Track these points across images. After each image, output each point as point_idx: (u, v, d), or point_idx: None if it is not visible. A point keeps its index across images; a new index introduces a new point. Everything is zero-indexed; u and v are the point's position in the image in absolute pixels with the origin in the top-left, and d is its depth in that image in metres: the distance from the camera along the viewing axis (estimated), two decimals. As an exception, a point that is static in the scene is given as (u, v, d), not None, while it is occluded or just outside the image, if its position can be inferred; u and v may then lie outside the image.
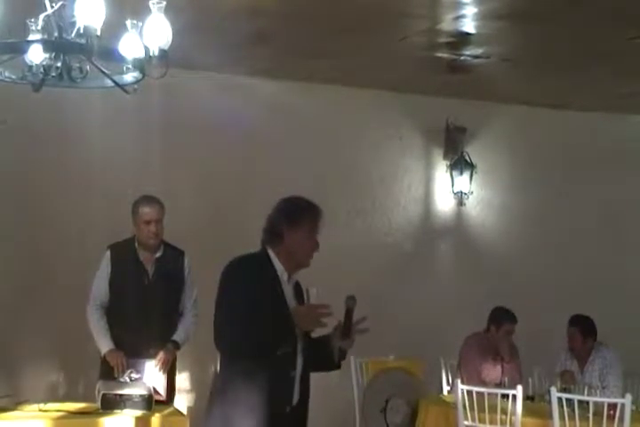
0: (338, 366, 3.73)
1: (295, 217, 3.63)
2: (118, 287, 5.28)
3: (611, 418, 5.00)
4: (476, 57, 6.69)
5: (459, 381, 5.56)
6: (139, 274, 5.28)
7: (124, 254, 5.31)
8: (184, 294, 5.37)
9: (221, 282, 3.59)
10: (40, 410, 4.52)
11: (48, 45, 3.59)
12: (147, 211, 5.25)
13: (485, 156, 8.11)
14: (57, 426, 4.37)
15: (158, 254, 5.32)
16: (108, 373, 5.08)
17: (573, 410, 5.10)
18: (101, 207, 6.62)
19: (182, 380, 6.19)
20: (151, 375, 5.11)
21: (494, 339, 6.29)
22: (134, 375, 4.89)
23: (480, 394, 5.39)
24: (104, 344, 5.20)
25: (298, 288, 3.75)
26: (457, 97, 7.74)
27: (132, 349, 5.16)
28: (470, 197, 8.05)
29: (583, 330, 6.19)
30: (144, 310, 5.21)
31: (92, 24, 3.44)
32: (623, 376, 6.16)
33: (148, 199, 5.33)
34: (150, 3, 3.68)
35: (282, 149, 7.32)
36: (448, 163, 8.03)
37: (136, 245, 5.30)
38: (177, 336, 5.30)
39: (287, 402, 3.53)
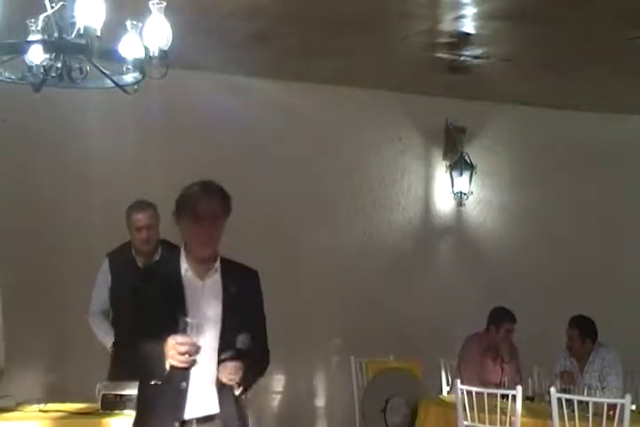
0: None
1: (177, 207, 3.32)
2: (120, 296, 5.21)
3: (610, 418, 4.99)
4: (476, 57, 6.70)
5: (458, 381, 5.56)
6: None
7: (121, 262, 5.18)
8: None
9: None
10: (40, 410, 4.52)
11: (48, 46, 3.59)
12: (138, 217, 5.11)
13: (485, 156, 8.11)
14: (57, 426, 4.37)
15: (156, 259, 5.14)
16: (117, 373, 5.01)
17: (573, 411, 5.10)
18: (101, 208, 6.62)
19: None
20: None
21: (494, 339, 6.29)
22: None
23: (480, 394, 5.39)
24: (109, 340, 5.03)
25: (228, 276, 3.30)
26: (457, 97, 7.74)
27: None
28: (470, 197, 8.05)
29: (582, 332, 6.18)
30: None
31: (92, 25, 3.44)
32: (623, 377, 6.16)
33: (140, 205, 5.17)
34: (150, 3, 3.68)
35: (282, 149, 7.32)
36: (448, 163, 8.03)
37: (133, 251, 5.19)
38: None
39: (175, 417, 3.17)
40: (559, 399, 5.08)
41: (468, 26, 5.98)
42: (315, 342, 7.29)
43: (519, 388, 5.36)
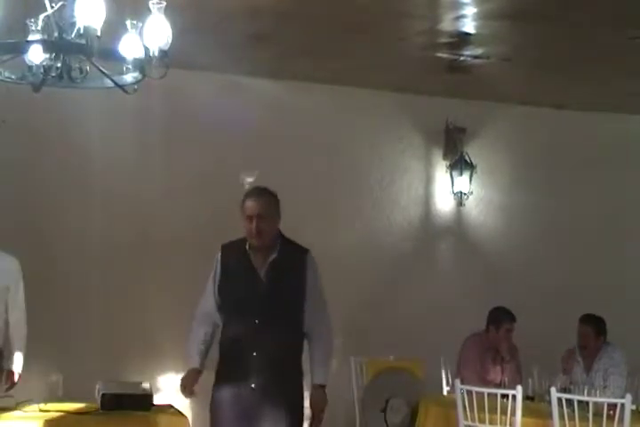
0: None
1: None
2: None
3: (611, 418, 5.00)
4: (476, 57, 6.69)
5: (458, 381, 5.56)
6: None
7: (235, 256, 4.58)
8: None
9: None
10: (40, 410, 4.52)
11: (48, 46, 3.58)
12: (248, 205, 4.44)
13: (485, 156, 8.11)
14: (57, 426, 4.37)
15: (274, 256, 4.47)
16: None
17: (573, 410, 5.10)
18: (101, 207, 6.63)
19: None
20: None
21: (494, 339, 6.30)
22: None
23: (480, 394, 5.38)
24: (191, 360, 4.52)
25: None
26: (457, 97, 7.74)
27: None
28: (470, 197, 8.05)
29: (597, 329, 6.20)
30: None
31: (92, 24, 3.43)
32: (626, 377, 6.17)
33: (253, 192, 4.54)
34: (150, 3, 3.68)
35: (282, 149, 7.32)
36: (448, 163, 8.03)
37: (247, 245, 4.50)
38: (318, 378, 4.55)
39: None
40: (559, 399, 5.09)
41: (468, 26, 5.98)
42: (315, 342, 7.28)
43: (519, 388, 5.35)
